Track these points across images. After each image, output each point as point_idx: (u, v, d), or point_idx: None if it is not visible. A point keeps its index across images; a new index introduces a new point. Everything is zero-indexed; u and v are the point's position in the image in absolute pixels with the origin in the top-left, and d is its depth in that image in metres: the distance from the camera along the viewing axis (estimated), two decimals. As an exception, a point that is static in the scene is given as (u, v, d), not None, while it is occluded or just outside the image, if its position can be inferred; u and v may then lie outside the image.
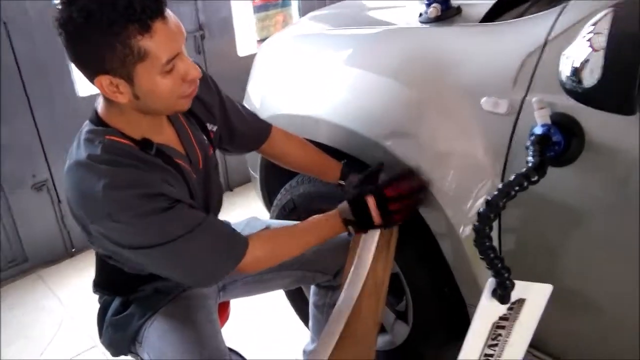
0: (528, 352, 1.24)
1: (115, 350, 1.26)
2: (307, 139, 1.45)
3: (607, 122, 0.91)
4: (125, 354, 1.26)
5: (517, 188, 0.83)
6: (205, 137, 1.21)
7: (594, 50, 0.79)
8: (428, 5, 1.35)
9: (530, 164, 0.87)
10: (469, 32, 1.20)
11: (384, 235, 1.34)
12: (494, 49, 1.13)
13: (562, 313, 1.14)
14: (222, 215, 1.30)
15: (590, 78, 0.79)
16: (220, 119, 1.27)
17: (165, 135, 1.11)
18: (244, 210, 2.75)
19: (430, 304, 1.44)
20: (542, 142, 0.96)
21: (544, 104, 0.99)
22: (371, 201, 1.20)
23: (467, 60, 1.16)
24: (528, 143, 0.97)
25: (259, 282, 1.42)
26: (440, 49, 1.22)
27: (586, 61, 0.80)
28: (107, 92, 0.97)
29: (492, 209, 0.83)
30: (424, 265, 1.39)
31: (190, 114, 1.18)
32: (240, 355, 1.86)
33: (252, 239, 1.15)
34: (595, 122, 0.96)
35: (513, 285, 0.90)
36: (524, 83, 1.06)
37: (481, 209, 0.85)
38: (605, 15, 0.79)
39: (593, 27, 0.81)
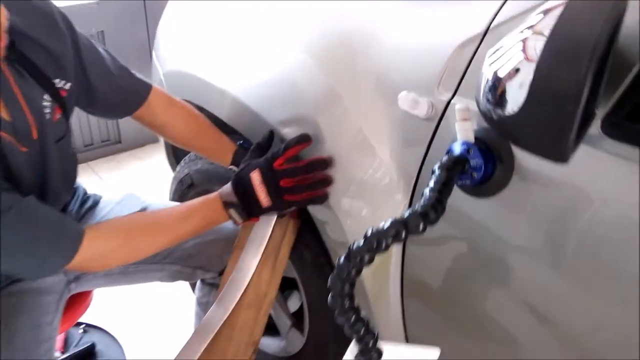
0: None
1: None
2: (201, 110, 1.18)
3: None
4: None
5: (390, 240, 0.59)
6: (48, 97, 0.94)
7: (527, 58, 0.53)
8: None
9: (419, 205, 0.63)
10: (398, 5, 0.93)
11: (274, 237, 1.10)
12: (423, 31, 0.87)
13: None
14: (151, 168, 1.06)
15: (513, 99, 0.54)
16: (75, 74, 0.99)
17: None
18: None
19: (327, 317, 1.22)
20: (453, 167, 0.71)
21: (468, 115, 0.74)
22: (256, 176, 0.97)
23: (390, 41, 0.90)
24: (436, 166, 0.72)
25: (123, 275, 1.18)
26: (360, 24, 0.95)
27: (516, 71, 0.55)
28: None
29: (353, 264, 0.59)
30: (320, 275, 1.17)
31: (25, 67, 0.90)
32: (110, 335, 1.67)
33: (93, 229, 0.91)
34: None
35: (380, 355, 0.68)
36: (452, 81, 0.81)
37: (340, 260, 0.61)
38: (556, 7, 0.54)
39: (538, 20, 0.55)
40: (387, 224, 0.60)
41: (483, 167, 0.74)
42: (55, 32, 0.94)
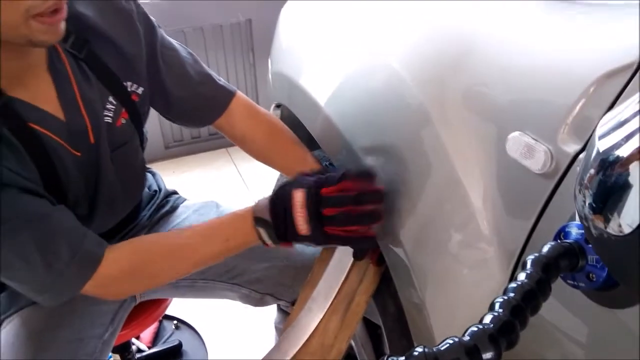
0: None
1: None
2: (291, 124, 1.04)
3: None
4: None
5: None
6: (114, 100, 0.87)
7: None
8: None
9: (491, 317, 0.42)
10: (519, 11, 0.68)
11: (348, 282, 0.93)
12: (551, 50, 0.62)
13: None
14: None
15: (632, 206, 0.30)
16: (150, 77, 0.91)
17: (33, 91, 0.79)
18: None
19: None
20: (555, 264, 0.48)
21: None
22: (299, 196, 0.80)
23: (503, 59, 0.66)
24: (530, 257, 0.49)
25: (190, 288, 1.09)
26: (466, 33, 0.72)
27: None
28: None
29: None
30: (403, 333, 0.97)
31: (93, 67, 0.84)
32: (199, 337, 1.62)
33: (114, 249, 0.82)
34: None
35: None
36: (585, 126, 0.56)
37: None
38: None
39: None
40: (443, 345, 0.41)
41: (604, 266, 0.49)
42: (131, 33, 0.87)
